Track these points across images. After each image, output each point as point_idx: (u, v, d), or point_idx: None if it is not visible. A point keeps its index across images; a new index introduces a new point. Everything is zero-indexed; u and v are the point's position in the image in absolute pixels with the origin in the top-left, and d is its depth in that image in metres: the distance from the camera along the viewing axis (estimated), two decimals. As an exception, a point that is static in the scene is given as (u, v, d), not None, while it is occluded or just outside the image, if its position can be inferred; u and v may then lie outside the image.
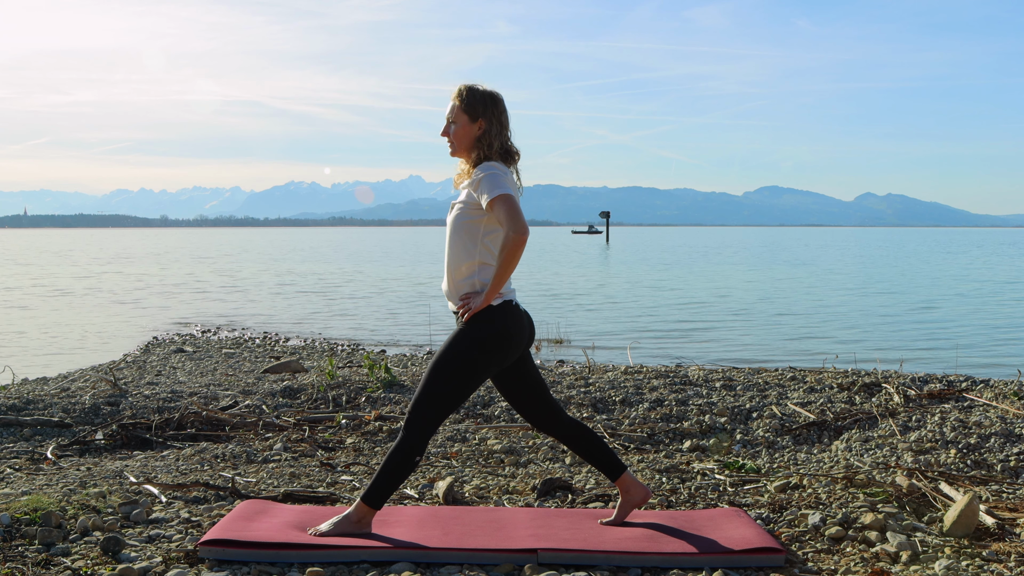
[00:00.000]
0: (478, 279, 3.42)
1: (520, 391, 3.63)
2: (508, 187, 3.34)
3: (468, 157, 3.52)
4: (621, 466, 3.67)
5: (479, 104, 3.48)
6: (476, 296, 3.39)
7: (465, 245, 3.43)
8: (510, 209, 3.28)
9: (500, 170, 3.39)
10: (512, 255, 3.27)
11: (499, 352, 3.42)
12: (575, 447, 3.69)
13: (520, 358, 3.58)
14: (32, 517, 3.61)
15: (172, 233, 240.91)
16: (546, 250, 66.59)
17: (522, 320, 3.48)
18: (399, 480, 3.43)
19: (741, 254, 59.46)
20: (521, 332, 3.47)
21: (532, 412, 3.66)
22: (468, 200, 3.44)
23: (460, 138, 3.49)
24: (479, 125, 3.48)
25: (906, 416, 5.87)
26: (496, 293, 3.36)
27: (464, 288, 3.44)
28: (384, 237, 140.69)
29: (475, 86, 3.51)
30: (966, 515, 3.59)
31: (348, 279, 30.94)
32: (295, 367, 9.05)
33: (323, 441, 5.60)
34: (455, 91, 3.53)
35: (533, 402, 3.64)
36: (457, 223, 3.46)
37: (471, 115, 3.48)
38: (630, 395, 6.77)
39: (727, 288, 26.45)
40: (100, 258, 52.83)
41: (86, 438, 5.72)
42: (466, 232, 3.43)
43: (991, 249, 73.43)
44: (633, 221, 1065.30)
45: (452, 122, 3.51)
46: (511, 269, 3.30)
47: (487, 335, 3.39)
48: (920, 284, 28.45)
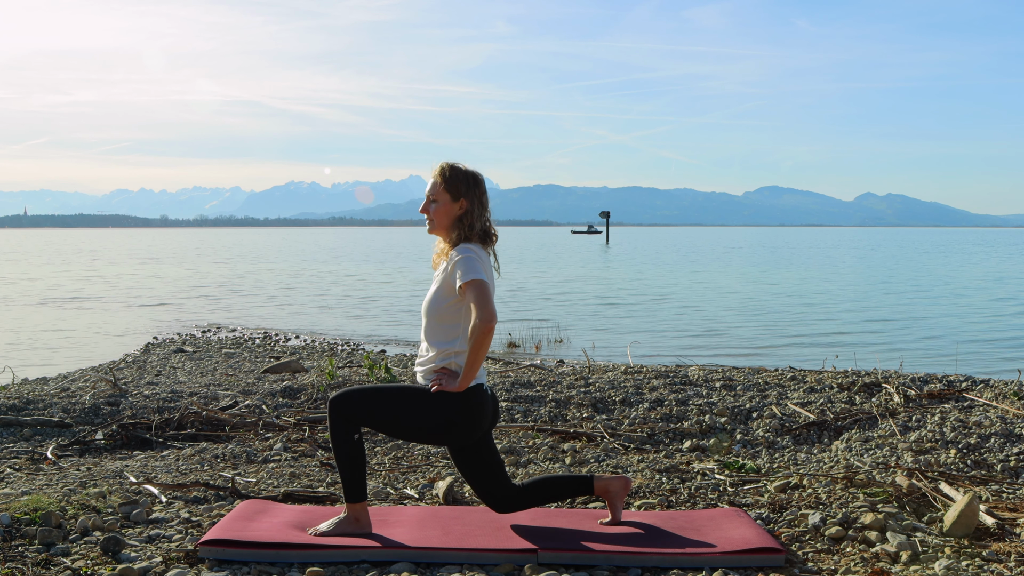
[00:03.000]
0: (455, 361, 3.42)
1: (478, 469, 3.60)
2: (482, 272, 3.34)
3: (447, 236, 3.50)
4: (588, 480, 3.69)
5: (462, 183, 3.47)
6: (451, 377, 3.39)
7: (442, 328, 3.44)
8: (480, 296, 3.27)
9: (477, 254, 3.39)
10: (480, 343, 3.27)
11: (453, 435, 3.44)
12: (545, 499, 3.69)
13: (484, 439, 3.57)
14: (32, 517, 3.61)
15: (174, 233, 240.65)
16: (546, 250, 66.58)
17: (486, 406, 3.48)
18: (359, 465, 3.43)
19: (742, 254, 59.43)
20: (483, 418, 3.47)
21: (493, 493, 3.62)
22: (443, 282, 3.43)
23: (441, 216, 3.47)
24: (460, 205, 3.47)
25: (906, 416, 5.87)
26: (470, 380, 3.35)
27: (441, 366, 3.43)
28: (394, 238, 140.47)
29: (457, 165, 3.51)
30: (966, 515, 3.59)
31: (385, 279, 30.47)
32: (295, 367, 9.05)
33: (323, 441, 5.60)
34: (436, 168, 3.51)
35: (493, 483, 3.61)
36: (433, 305, 3.45)
37: (453, 194, 3.47)
38: (630, 395, 6.77)
39: (727, 289, 26.45)
40: (109, 259, 52.83)
41: (86, 438, 5.72)
42: (442, 314, 3.43)
43: (1004, 250, 73.05)
44: (633, 221, 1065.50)
45: (433, 200, 3.49)
46: (482, 356, 3.31)
47: (449, 416, 3.39)
48: (951, 285, 28.45)
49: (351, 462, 3.42)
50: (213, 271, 36.87)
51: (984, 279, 31.34)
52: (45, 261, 48.28)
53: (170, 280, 30.45)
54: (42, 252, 65.49)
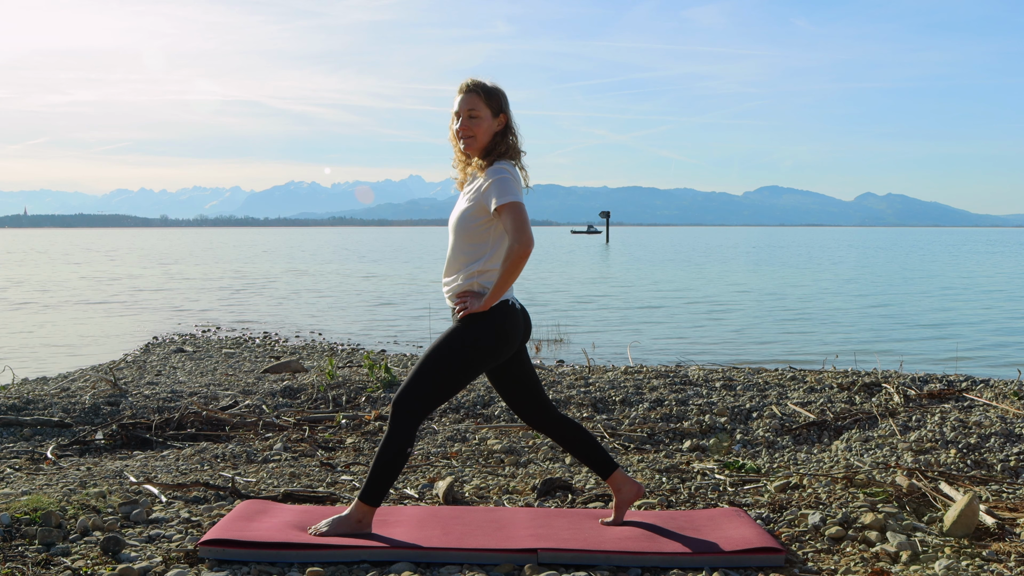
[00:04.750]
0: (479, 281, 3.39)
1: (514, 388, 3.61)
2: (519, 194, 3.31)
3: (483, 153, 3.43)
4: (613, 464, 3.67)
5: (501, 98, 3.42)
6: (475, 298, 3.36)
7: (469, 246, 3.40)
8: (517, 219, 3.25)
9: (512, 175, 3.35)
10: (515, 266, 3.25)
11: (493, 351, 3.40)
12: (567, 445, 3.67)
13: (515, 355, 3.56)
14: (32, 517, 3.61)
15: (180, 233, 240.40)
16: (546, 250, 66.58)
17: (518, 319, 3.46)
18: (393, 475, 3.42)
19: (742, 254, 59.43)
20: (516, 331, 3.45)
21: (525, 409, 3.63)
22: (475, 200, 3.38)
23: (483, 132, 3.40)
24: (500, 120, 3.42)
25: (906, 416, 5.87)
26: (496, 300, 3.33)
27: (464, 288, 3.42)
28: (400, 237, 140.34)
29: (486, 81, 3.45)
30: (966, 515, 3.59)
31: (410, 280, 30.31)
32: (295, 367, 9.05)
33: (323, 441, 5.60)
34: (468, 83, 3.42)
35: (526, 399, 3.62)
36: (462, 223, 3.41)
37: (494, 109, 3.41)
38: (630, 395, 6.77)
39: (730, 288, 26.45)
40: (106, 257, 52.83)
41: (86, 438, 5.72)
42: (471, 233, 3.39)
43: (1015, 249, 72.65)
44: (633, 221, 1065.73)
45: (472, 116, 3.40)
46: (513, 279, 3.29)
47: (482, 333, 3.37)
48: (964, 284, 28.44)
49: (389, 470, 3.39)
50: (246, 270, 36.76)
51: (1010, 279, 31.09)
52: (49, 260, 48.26)
53: (196, 280, 30.44)
54: (46, 252, 65.43)
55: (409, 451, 3.40)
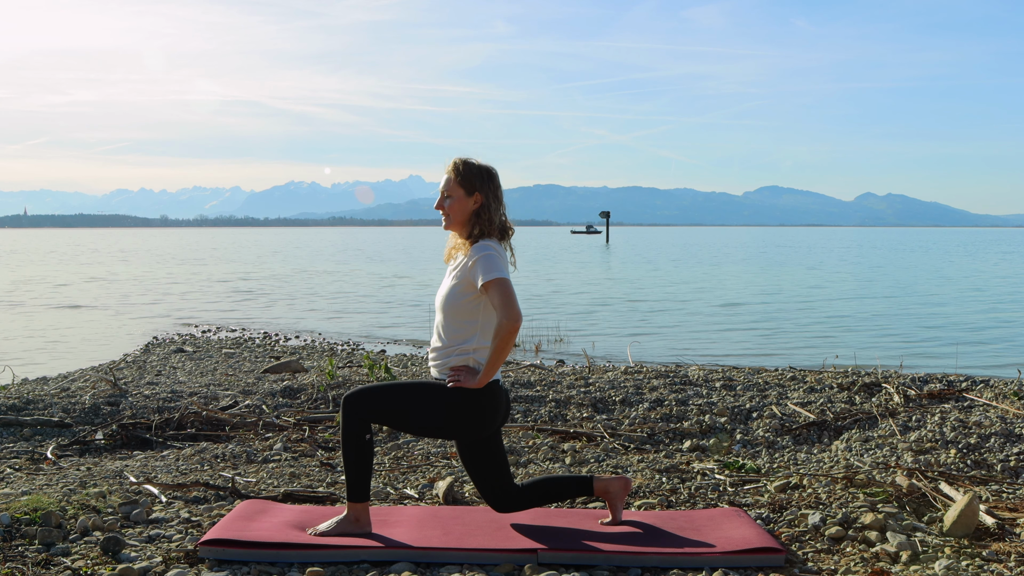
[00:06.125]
0: (474, 357, 3.41)
1: (484, 466, 3.58)
2: (504, 270, 3.33)
3: (464, 231, 3.48)
4: (588, 480, 3.69)
5: (475, 178, 3.45)
6: (470, 374, 3.37)
7: (459, 323, 3.42)
8: (504, 295, 3.26)
9: (497, 251, 3.37)
10: (505, 342, 3.26)
11: (468, 428, 3.43)
12: (543, 500, 3.68)
13: (492, 435, 3.56)
14: (32, 517, 3.61)
15: (178, 233, 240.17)
16: (546, 250, 66.58)
17: (500, 401, 3.48)
18: (366, 467, 3.43)
19: (742, 254, 59.44)
20: (496, 414, 3.47)
21: (491, 488, 3.60)
22: (462, 278, 3.40)
23: (456, 211, 3.45)
24: (475, 199, 3.45)
25: (906, 416, 5.87)
26: (490, 379, 3.34)
27: (459, 363, 3.42)
28: (403, 237, 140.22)
29: (470, 160, 3.49)
30: (966, 515, 3.59)
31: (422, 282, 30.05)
32: (295, 367, 9.05)
33: (323, 441, 5.60)
34: (450, 164, 3.49)
35: (494, 478, 3.59)
36: (451, 300, 3.43)
37: (467, 189, 3.45)
38: (630, 395, 6.77)
39: (730, 288, 26.45)
40: (108, 257, 52.84)
41: (86, 438, 5.72)
42: (459, 310, 3.41)
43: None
44: (633, 221, 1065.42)
45: (447, 195, 3.48)
46: (505, 355, 3.30)
47: (464, 411, 3.38)
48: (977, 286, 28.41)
49: (358, 462, 3.41)
50: (254, 271, 36.70)
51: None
52: (49, 261, 48.27)
53: (205, 280, 30.44)
54: (49, 252, 65.45)
55: (368, 437, 3.41)
